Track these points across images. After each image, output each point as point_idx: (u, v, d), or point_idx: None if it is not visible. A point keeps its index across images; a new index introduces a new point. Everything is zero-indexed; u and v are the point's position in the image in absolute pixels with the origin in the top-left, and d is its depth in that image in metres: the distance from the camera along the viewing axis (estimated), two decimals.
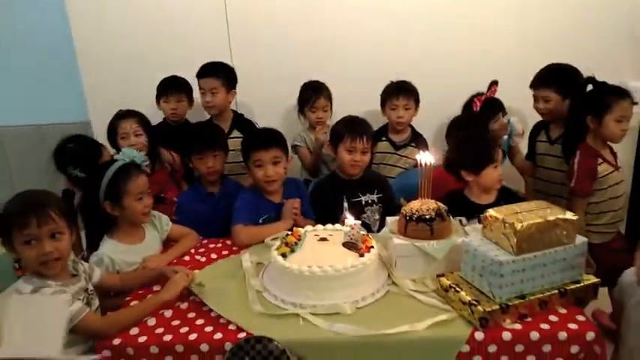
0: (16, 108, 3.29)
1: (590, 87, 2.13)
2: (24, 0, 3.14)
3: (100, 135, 2.75)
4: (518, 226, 1.32)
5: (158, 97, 2.68)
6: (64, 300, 0.87)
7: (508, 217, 1.36)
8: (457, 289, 1.43)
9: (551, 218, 1.34)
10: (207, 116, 2.71)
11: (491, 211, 1.43)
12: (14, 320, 0.86)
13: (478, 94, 2.58)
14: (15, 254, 1.46)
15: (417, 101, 2.59)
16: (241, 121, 2.71)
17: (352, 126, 2.14)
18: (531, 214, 1.37)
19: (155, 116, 2.68)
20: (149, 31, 2.87)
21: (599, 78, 2.32)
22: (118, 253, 1.80)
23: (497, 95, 2.55)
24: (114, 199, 1.80)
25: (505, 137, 2.51)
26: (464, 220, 1.79)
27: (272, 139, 2.08)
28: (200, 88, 2.60)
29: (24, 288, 1.42)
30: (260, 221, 2.03)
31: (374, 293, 1.52)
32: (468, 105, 2.62)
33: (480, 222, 1.55)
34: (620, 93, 2.07)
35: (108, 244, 1.83)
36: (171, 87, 2.66)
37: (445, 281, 1.49)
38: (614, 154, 2.17)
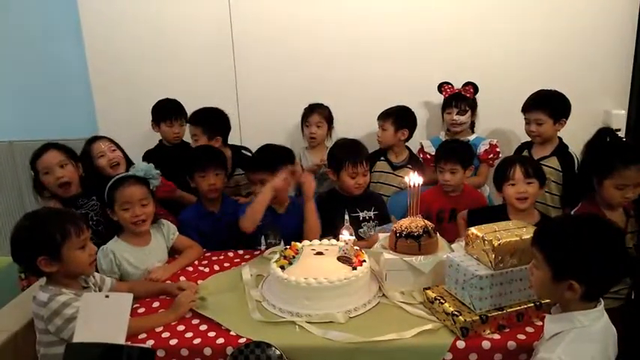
0: (29, 123, 3.43)
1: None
2: (40, 21, 3.28)
3: None
4: (496, 243, 1.45)
5: (158, 121, 2.76)
6: (127, 297, 0.99)
7: (487, 235, 1.49)
8: (441, 300, 1.55)
9: (526, 237, 1.47)
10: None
11: (472, 229, 1.56)
12: (86, 314, 1.00)
13: (447, 83, 2.80)
14: (60, 265, 1.56)
15: (395, 123, 2.69)
16: None
17: (351, 152, 2.24)
18: (508, 232, 1.50)
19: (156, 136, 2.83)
20: (158, 54, 3.03)
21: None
22: (122, 252, 1.95)
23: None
24: (111, 206, 1.96)
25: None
26: None
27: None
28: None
29: (41, 296, 1.55)
30: (260, 223, 2.14)
31: (365, 304, 1.64)
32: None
33: None
34: (626, 158, 1.86)
35: (114, 241, 1.98)
36: (174, 111, 2.75)
37: (431, 294, 1.61)
38: (629, 216, 1.96)
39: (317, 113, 2.81)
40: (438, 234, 1.80)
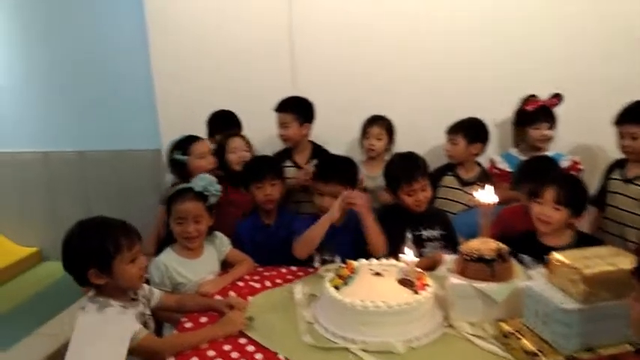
0: (96, 134, 3.58)
1: None
2: (109, 35, 3.43)
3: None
4: (588, 272, 1.24)
5: (212, 133, 2.75)
6: (128, 319, 0.91)
7: (575, 263, 1.28)
8: (519, 336, 1.36)
9: (623, 266, 1.24)
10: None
11: (557, 255, 1.35)
12: (81, 334, 0.92)
13: (533, 96, 2.60)
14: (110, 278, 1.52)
15: (467, 137, 2.53)
16: None
17: (405, 170, 2.10)
18: (602, 260, 1.28)
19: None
20: (220, 66, 3.05)
21: None
22: (173, 263, 1.93)
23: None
24: (169, 218, 1.95)
25: None
26: (527, 258, 1.71)
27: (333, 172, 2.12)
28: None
29: (89, 307, 1.51)
30: None
31: (428, 334, 1.47)
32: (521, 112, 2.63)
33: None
34: None
35: (167, 253, 1.97)
36: (229, 123, 2.73)
37: (506, 327, 1.41)
38: None
39: (378, 125, 2.68)
40: (513, 259, 1.59)
